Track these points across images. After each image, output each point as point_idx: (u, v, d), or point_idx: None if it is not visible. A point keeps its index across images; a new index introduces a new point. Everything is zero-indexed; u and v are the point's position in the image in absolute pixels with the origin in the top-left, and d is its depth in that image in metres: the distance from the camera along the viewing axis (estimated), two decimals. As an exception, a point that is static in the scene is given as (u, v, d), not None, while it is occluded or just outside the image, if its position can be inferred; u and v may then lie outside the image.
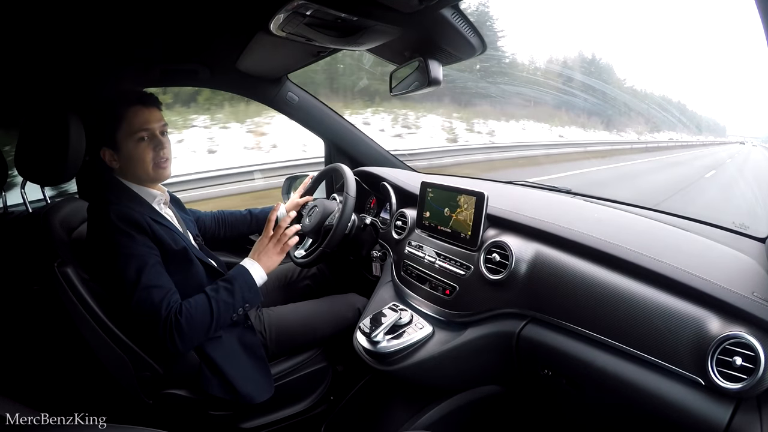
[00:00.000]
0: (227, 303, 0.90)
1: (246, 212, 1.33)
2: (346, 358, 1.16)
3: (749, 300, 0.61)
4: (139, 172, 0.94)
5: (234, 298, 0.90)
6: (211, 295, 0.89)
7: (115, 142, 0.91)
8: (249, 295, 0.93)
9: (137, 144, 0.91)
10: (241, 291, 0.92)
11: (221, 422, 1.01)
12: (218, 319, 0.88)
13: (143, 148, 0.92)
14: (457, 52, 0.96)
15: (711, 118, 16.46)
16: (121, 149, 0.91)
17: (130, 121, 0.90)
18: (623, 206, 1.12)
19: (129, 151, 0.91)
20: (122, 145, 0.91)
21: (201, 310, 0.87)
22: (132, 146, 0.91)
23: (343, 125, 1.56)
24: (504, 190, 1.30)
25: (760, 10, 0.47)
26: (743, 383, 0.57)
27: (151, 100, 0.94)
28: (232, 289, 0.91)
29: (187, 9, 0.88)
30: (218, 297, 0.89)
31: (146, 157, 0.92)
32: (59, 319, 0.90)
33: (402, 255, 1.10)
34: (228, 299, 0.90)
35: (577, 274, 0.77)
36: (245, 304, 0.92)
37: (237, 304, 0.91)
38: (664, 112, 13.34)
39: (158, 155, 0.93)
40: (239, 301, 0.91)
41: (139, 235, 0.87)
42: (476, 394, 0.95)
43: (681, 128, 14.37)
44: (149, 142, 0.92)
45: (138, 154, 0.91)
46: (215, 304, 0.88)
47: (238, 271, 0.95)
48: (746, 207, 5.14)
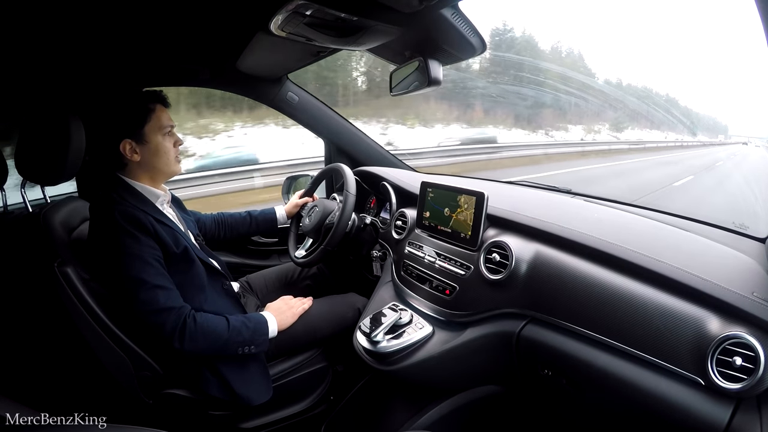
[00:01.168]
0: (241, 334, 0.94)
1: (246, 214, 1.34)
2: (346, 358, 1.16)
3: (749, 300, 0.61)
4: (161, 165, 0.98)
5: (244, 337, 0.95)
6: (231, 320, 0.94)
7: (141, 135, 0.95)
8: (259, 340, 0.97)
9: (165, 137, 0.97)
10: (255, 333, 0.97)
11: (221, 422, 1.01)
12: (228, 341, 0.92)
13: (169, 141, 0.98)
14: (457, 52, 0.96)
15: (712, 118, 16.40)
16: (149, 142, 0.95)
17: (159, 116, 0.96)
18: (623, 206, 1.12)
19: (157, 144, 0.96)
20: (150, 138, 0.95)
21: (217, 324, 0.92)
22: (160, 139, 0.97)
23: (343, 125, 1.56)
24: (504, 190, 1.30)
25: (760, 10, 0.47)
26: (743, 383, 0.57)
27: (168, 102, 1.01)
28: (250, 326, 0.96)
29: (187, 9, 0.88)
30: (235, 325, 0.94)
31: (171, 151, 0.99)
32: (59, 319, 0.90)
33: (402, 255, 1.10)
34: (244, 332, 0.95)
35: (577, 274, 0.77)
36: (251, 346, 0.96)
37: (246, 342, 0.95)
38: (664, 112, 13.19)
39: (177, 150, 1.01)
40: (249, 340, 0.95)
41: (143, 235, 0.88)
42: (476, 394, 0.95)
43: (681, 128, 14.25)
44: (171, 137, 0.99)
45: (165, 146, 0.97)
46: (232, 329, 0.93)
47: (258, 318, 1.00)
48: (745, 207, 5.12)
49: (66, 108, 0.95)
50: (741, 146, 13.79)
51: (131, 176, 0.97)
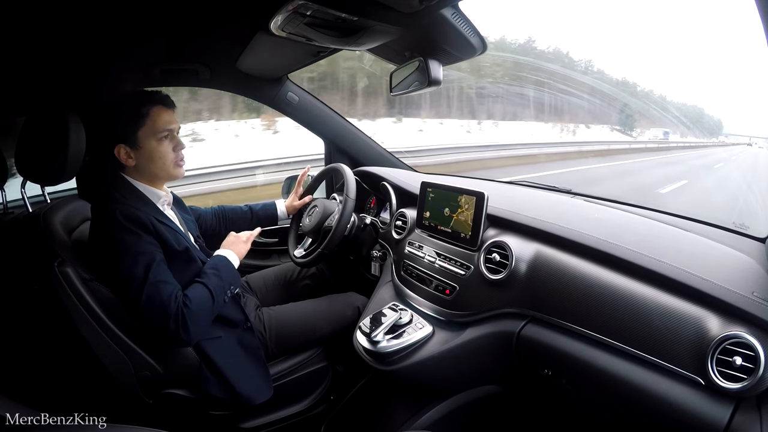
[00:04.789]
0: (219, 286, 0.93)
1: (246, 208, 1.33)
2: (346, 357, 1.16)
3: (749, 300, 0.61)
4: (157, 170, 0.96)
5: (223, 281, 0.95)
6: (205, 281, 0.93)
7: (135, 139, 0.93)
8: (233, 278, 0.98)
9: (160, 142, 0.94)
10: (226, 276, 0.96)
11: (221, 422, 1.01)
12: (216, 301, 0.92)
13: (166, 146, 0.95)
14: (457, 52, 0.96)
15: (717, 118, 16.26)
16: (143, 147, 0.93)
17: (154, 120, 0.93)
18: (623, 206, 1.12)
19: (151, 149, 0.94)
20: (144, 143, 0.93)
21: (202, 296, 0.90)
22: (155, 145, 0.94)
23: (343, 125, 1.56)
24: (504, 190, 1.30)
25: (760, 10, 0.47)
26: (743, 383, 0.57)
27: (170, 102, 0.97)
28: (219, 274, 0.95)
29: (188, 9, 0.88)
30: (211, 282, 0.93)
31: (168, 155, 0.96)
32: (59, 319, 0.90)
33: (402, 255, 1.10)
34: (219, 282, 0.94)
35: (577, 274, 0.77)
36: (231, 287, 0.96)
37: (225, 288, 0.95)
38: (663, 111, 13.12)
39: (178, 155, 0.97)
40: (227, 284, 0.95)
41: (143, 233, 0.88)
42: (476, 394, 0.95)
43: (682, 128, 14.19)
44: (170, 142, 0.96)
45: (161, 152, 0.95)
46: (212, 289, 0.92)
47: (219, 259, 1.00)
48: (746, 208, 5.08)
49: (66, 108, 0.95)
50: (745, 147, 13.72)
51: (132, 176, 0.96)
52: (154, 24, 0.96)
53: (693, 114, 14.42)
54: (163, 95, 0.97)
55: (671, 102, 17.27)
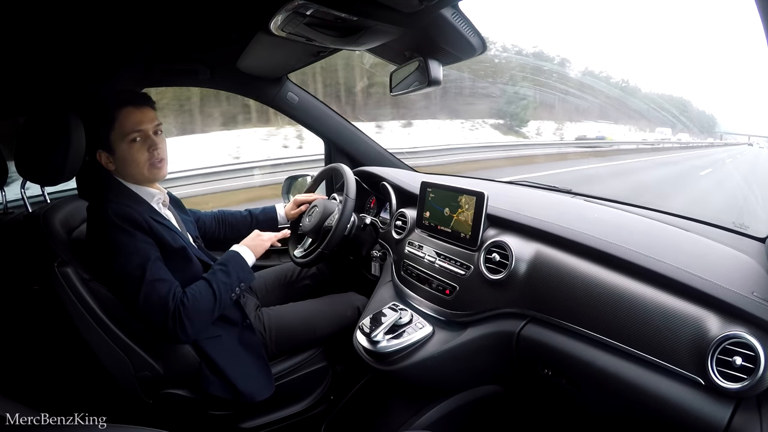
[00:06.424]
0: (226, 283, 0.92)
1: (246, 213, 1.33)
2: (346, 357, 1.16)
3: (749, 300, 0.61)
4: (134, 173, 0.94)
5: (230, 278, 0.93)
6: (210, 278, 0.92)
7: (109, 144, 0.91)
8: (243, 274, 0.96)
9: (130, 146, 0.91)
10: (235, 271, 0.95)
11: (221, 422, 1.01)
12: (220, 299, 0.91)
13: (136, 149, 0.91)
14: (457, 52, 0.96)
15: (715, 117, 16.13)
16: (116, 151, 0.91)
17: (122, 122, 0.90)
18: (623, 206, 1.12)
19: (123, 153, 0.91)
20: (116, 147, 0.91)
21: (204, 294, 0.90)
22: (125, 148, 0.91)
23: (343, 125, 1.56)
24: (504, 189, 1.30)
25: (760, 10, 0.47)
26: (743, 383, 0.57)
27: (144, 101, 0.93)
28: (227, 270, 0.94)
29: (187, 9, 0.88)
30: (216, 279, 0.92)
31: (140, 159, 0.92)
32: (59, 319, 0.90)
33: (402, 255, 1.10)
34: (225, 279, 0.92)
35: (577, 274, 0.77)
36: (240, 283, 0.95)
37: (234, 284, 0.94)
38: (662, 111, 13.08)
39: (153, 155, 0.93)
40: (235, 280, 0.94)
41: (137, 231, 0.88)
42: (476, 394, 0.95)
43: (681, 128, 14.14)
44: (142, 143, 0.92)
45: (131, 155, 0.91)
46: (216, 286, 0.91)
47: (230, 254, 0.99)
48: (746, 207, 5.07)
49: (65, 108, 0.95)
50: (746, 147, 13.66)
51: (121, 178, 0.95)
52: (154, 24, 0.96)
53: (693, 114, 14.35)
54: (135, 94, 0.93)
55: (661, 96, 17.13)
